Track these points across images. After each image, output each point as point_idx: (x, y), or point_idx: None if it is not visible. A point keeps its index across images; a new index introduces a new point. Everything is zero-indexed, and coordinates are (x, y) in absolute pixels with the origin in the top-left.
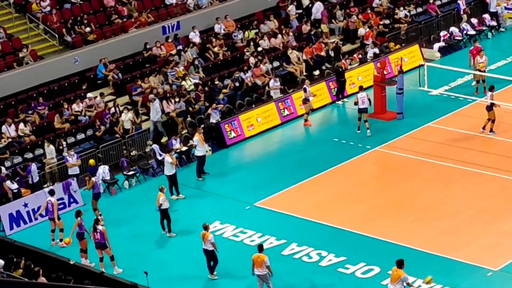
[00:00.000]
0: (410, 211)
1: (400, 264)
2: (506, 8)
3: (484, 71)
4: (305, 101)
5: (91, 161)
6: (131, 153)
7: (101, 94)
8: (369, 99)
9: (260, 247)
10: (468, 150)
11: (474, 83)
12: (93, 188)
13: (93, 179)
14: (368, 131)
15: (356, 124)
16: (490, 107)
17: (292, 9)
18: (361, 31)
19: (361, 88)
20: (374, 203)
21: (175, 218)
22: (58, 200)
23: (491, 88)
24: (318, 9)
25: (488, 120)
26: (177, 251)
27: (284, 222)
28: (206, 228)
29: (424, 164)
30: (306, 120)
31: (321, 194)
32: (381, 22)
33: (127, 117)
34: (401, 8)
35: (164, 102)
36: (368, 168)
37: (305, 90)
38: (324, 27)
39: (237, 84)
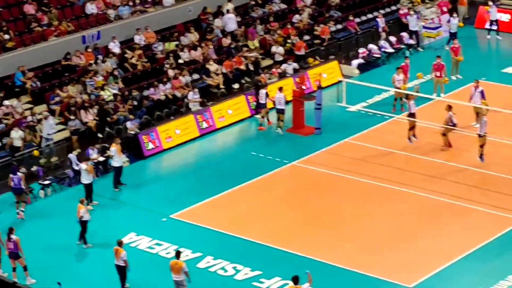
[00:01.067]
0: (327, 227)
1: (295, 280)
2: (424, 27)
3: (401, 89)
4: (263, 106)
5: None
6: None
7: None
8: (286, 102)
9: (177, 254)
10: (385, 167)
11: (403, 100)
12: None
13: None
14: (280, 130)
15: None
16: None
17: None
18: (276, 48)
19: (280, 89)
20: (291, 217)
21: (91, 229)
22: None
23: (449, 108)
24: (226, 22)
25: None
26: (92, 263)
27: (200, 235)
28: (120, 244)
29: (341, 179)
30: (261, 125)
31: (238, 208)
32: (292, 40)
33: (18, 135)
34: (321, 25)
35: (83, 112)
36: (285, 182)
37: (267, 95)
38: (251, 43)
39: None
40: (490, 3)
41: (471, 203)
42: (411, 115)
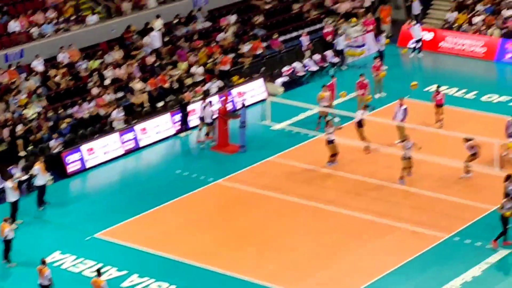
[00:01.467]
0: (251, 245)
1: None
2: (348, 46)
3: (329, 106)
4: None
5: None
6: None
7: None
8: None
9: (98, 272)
10: (309, 185)
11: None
12: None
13: None
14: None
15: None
16: (330, 141)
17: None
18: (196, 68)
19: (210, 103)
20: (216, 235)
21: (15, 247)
22: None
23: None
24: (151, 40)
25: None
26: (16, 282)
27: (125, 253)
28: (43, 263)
29: (266, 197)
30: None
31: (164, 226)
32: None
33: None
34: (246, 43)
35: (5, 130)
36: (210, 200)
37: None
38: (180, 65)
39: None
40: (414, 21)
41: (394, 220)
42: (359, 123)
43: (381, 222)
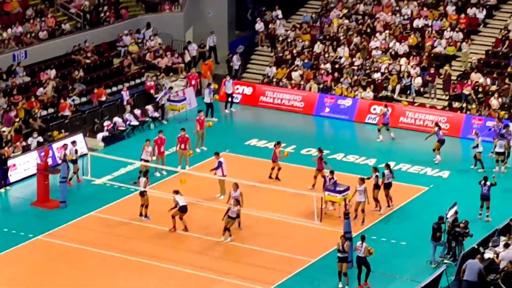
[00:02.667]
0: None
1: None
2: (169, 100)
3: (148, 161)
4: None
5: None
6: None
7: None
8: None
9: None
10: (131, 239)
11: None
12: None
13: None
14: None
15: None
16: (143, 193)
17: None
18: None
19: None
20: None
21: None
22: None
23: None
24: None
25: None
26: None
27: None
28: None
29: (87, 253)
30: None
31: None
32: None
33: None
34: (67, 98)
35: None
36: (30, 257)
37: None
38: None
39: None
40: (228, 77)
41: (217, 274)
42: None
43: (204, 276)
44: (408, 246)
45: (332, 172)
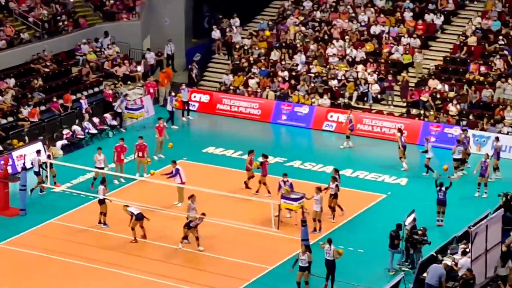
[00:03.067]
0: None
1: None
2: (127, 108)
3: (103, 168)
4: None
5: None
6: None
7: None
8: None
9: None
10: (90, 247)
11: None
12: None
13: None
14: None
15: None
16: (102, 201)
17: None
18: None
19: (38, 152)
20: None
21: None
22: None
23: None
24: None
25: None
26: None
27: None
28: None
29: (47, 260)
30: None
31: None
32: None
33: None
34: (26, 106)
35: None
36: None
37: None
38: None
39: None
40: (184, 85)
41: (176, 281)
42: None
43: (164, 283)
44: (365, 254)
45: (285, 175)
